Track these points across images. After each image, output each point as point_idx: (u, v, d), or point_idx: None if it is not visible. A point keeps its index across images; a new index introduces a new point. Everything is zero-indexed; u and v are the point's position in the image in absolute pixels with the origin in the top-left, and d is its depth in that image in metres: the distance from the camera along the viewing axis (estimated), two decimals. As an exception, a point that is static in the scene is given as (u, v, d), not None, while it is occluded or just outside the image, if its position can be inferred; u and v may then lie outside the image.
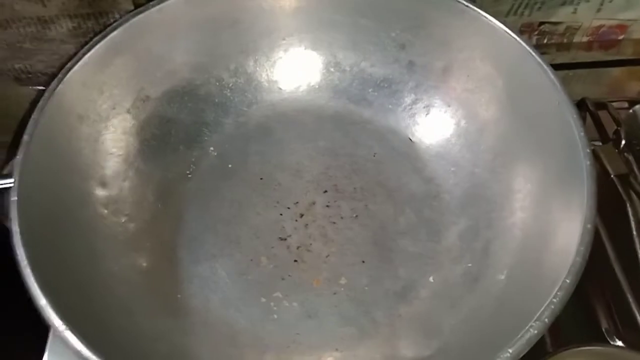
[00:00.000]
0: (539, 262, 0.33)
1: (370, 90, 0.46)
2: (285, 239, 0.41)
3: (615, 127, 0.47)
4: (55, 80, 0.38)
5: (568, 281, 0.28)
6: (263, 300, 0.38)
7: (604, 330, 0.40)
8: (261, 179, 0.44)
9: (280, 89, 0.47)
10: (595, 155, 0.43)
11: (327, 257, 0.40)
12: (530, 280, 0.33)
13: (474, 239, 0.39)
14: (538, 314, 0.28)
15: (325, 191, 0.43)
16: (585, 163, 0.33)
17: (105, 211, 0.39)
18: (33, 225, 0.33)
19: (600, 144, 0.48)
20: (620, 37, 0.58)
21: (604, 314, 0.41)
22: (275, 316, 0.38)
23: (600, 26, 0.57)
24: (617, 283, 0.39)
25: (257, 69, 0.46)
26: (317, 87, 0.47)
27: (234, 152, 0.45)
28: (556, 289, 0.28)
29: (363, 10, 0.44)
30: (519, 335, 0.27)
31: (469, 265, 0.38)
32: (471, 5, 0.40)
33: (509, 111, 0.40)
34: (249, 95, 0.46)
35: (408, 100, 0.45)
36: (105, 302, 0.35)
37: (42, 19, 0.41)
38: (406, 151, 0.45)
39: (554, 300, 0.28)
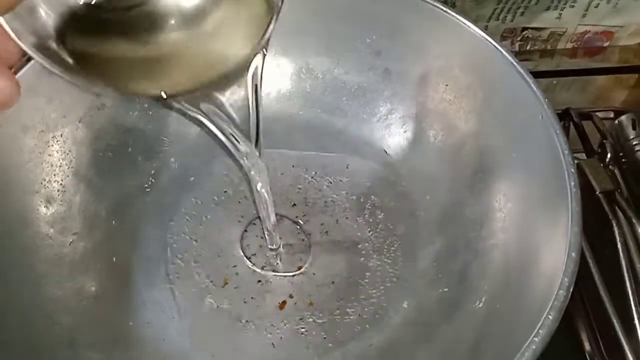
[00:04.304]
0: (520, 291, 0.30)
1: (344, 99, 0.44)
2: (250, 258, 0.38)
3: (601, 140, 0.46)
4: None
5: (550, 317, 0.26)
6: (223, 326, 0.35)
7: (587, 353, 0.38)
8: (225, 191, 0.41)
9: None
10: (579, 170, 0.41)
11: (293, 277, 0.38)
12: (511, 311, 0.30)
13: (451, 260, 0.37)
14: (518, 355, 0.25)
15: (294, 204, 0.41)
16: (569, 184, 0.30)
17: (51, 230, 0.36)
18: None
19: (585, 156, 0.46)
20: (606, 44, 0.57)
21: (587, 336, 0.39)
22: (236, 344, 0.35)
23: (585, 32, 0.56)
24: (601, 304, 0.37)
25: (223, 74, 0.43)
26: (287, 95, 0.44)
27: (196, 164, 0.42)
28: (538, 326, 0.25)
29: (338, 15, 0.41)
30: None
31: (445, 289, 0.36)
32: (449, 11, 0.38)
33: (490, 125, 0.38)
34: (214, 103, 0.43)
35: (383, 110, 0.43)
36: (48, 332, 0.32)
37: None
38: (380, 164, 0.42)
39: (535, 339, 0.25)
